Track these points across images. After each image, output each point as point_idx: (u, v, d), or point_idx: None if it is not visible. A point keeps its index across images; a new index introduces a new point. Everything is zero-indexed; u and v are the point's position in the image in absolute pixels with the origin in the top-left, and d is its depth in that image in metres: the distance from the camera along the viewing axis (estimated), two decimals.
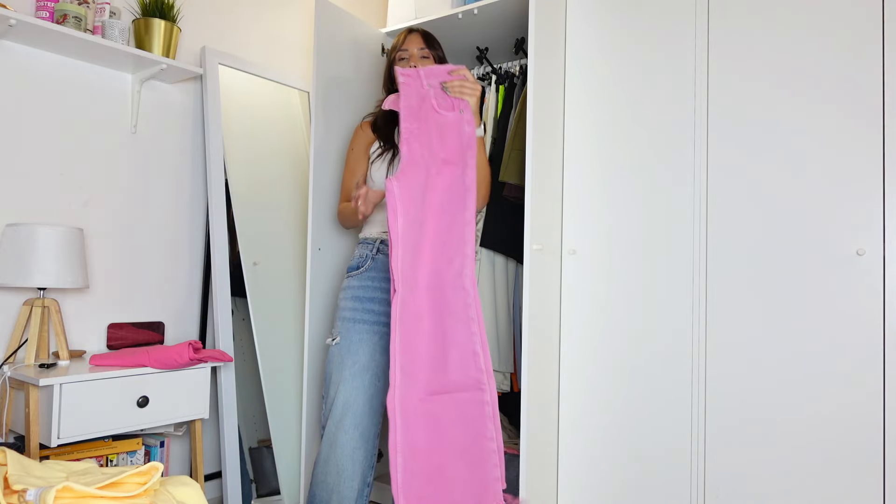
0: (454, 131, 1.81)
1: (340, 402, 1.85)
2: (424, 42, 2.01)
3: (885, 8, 1.60)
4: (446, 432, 1.66)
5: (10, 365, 1.86)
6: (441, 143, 1.81)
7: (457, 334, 1.66)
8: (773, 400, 1.69)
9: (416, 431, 1.65)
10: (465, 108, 1.81)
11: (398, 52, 2.01)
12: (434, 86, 1.83)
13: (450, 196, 1.76)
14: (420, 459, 1.64)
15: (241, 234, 2.48)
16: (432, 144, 1.80)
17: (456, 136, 1.80)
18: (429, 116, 1.80)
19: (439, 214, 1.74)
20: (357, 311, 1.92)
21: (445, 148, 1.80)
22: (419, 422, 1.66)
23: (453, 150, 1.80)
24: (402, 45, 2.01)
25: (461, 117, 1.81)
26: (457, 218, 1.72)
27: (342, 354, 1.89)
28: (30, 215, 2.02)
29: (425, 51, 2.00)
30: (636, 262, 1.92)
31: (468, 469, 1.64)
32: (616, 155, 1.98)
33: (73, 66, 2.12)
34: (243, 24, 2.62)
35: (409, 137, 1.76)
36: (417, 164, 1.75)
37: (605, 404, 1.96)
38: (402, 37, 2.04)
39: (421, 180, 1.73)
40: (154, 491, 1.28)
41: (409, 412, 1.65)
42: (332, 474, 1.83)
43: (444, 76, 1.83)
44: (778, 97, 1.73)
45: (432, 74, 1.84)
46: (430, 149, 1.78)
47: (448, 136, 1.80)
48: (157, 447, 2.05)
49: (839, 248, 1.63)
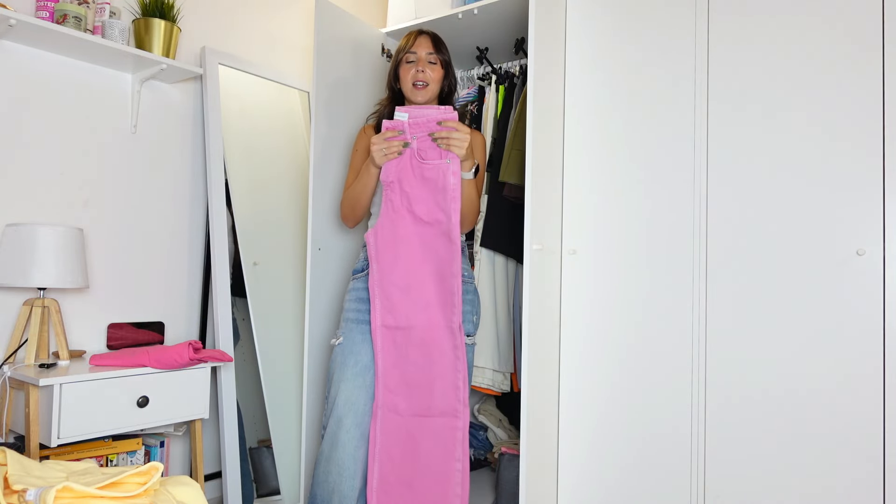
0: (438, 184, 1.82)
1: (342, 401, 1.86)
2: (433, 46, 1.98)
3: (885, 7, 1.60)
4: (421, 451, 1.85)
5: (10, 365, 1.86)
6: (423, 193, 1.84)
7: (444, 370, 1.84)
8: (773, 399, 1.69)
9: (394, 446, 1.87)
10: (452, 157, 1.80)
11: (406, 53, 1.98)
12: (420, 136, 1.83)
13: (436, 251, 1.85)
14: (395, 471, 1.86)
15: (241, 234, 2.48)
16: (410, 195, 1.85)
17: (440, 190, 1.82)
18: (406, 170, 1.84)
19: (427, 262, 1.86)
20: (360, 312, 1.93)
21: (428, 200, 1.84)
22: (399, 437, 1.87)
23: (436, 204, 1.83)
24: (411, 47, 1.98)
25: (447, 168, 1.81)
26: (445, 271, 1.84)
27: (345, 354, 1.90)
28: (30, 215, 2.02)
29: (433, 56, 1.97)
30: (636, 262, 1.92)
31: (436, 485, 1.83)
32: (616, 155, 1.98)
33: (73, 66, 2.12)
34: (243, 24, 2.62)
35: (385, 189, 1.87)
36: (391, 218, 1.86)
37: (605, 404, 1.96)
38: (412, 39, 1.99)
39: (399, 232, 1.86)
40: (154, 491, 1.28)
41: (390, 428, 1.87)
42: (334, 473, 1.83)
43: (432, 126, 1.81)
44: (778, 98, 1.73)
45: (418, 126, 1.82)
46: (406, 200, 1.86)
47: (431, 188, 1.84)
48: (157, 447, 2.05)
49: (839, 248, 1.63)
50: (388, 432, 1.87)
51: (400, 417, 1.87)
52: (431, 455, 1.84)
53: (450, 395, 1.83)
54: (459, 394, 1.83)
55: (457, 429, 1.82)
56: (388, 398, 1.87)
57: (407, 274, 1.87)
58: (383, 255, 1.87)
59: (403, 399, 1.87)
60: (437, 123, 1.81)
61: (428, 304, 1.85)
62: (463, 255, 1.89)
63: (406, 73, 1.97)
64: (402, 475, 1.85)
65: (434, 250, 1.85)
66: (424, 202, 1.84)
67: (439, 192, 1.82)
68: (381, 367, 1.88)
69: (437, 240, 1.85)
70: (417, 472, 1.84)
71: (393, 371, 1.87)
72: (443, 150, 1.81)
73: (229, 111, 2.52)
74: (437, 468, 1.82)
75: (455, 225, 1.81)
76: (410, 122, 1.82)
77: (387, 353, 1.88)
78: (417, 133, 1.83)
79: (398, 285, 1.87)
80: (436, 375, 1.84)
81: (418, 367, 1.86)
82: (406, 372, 1.87)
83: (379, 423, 1.86)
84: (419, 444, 1.85)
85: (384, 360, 1.88)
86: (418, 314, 1.85)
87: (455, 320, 1.84)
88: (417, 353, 1.86)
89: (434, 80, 1.96)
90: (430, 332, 1.85)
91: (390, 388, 1.87)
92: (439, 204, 1.82)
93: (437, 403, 1.84)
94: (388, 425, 1.87)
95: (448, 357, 1.84)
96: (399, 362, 1.87)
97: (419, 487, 1.83)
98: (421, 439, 1.85)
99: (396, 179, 1.85)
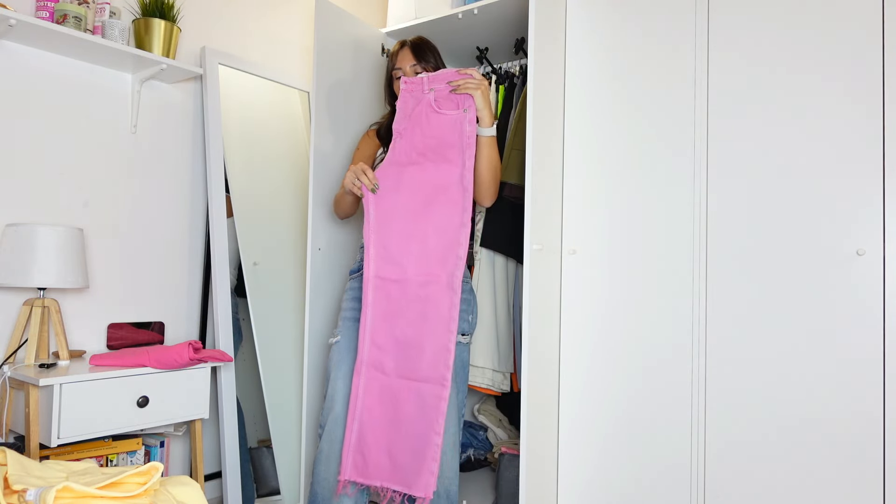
0: (454, 130, 1.80)
1: (340, 398, 1.86)
2: (414, 56, 2.01)
3: (884, 6, 1.60)
4: (403, 415, 1.76)
5: (10, 365, 1.86)
6: (435, 141, 1.81)
7: (437, 329, 1.74)
8: (773, 399, 1.69)
9: (376, 406, 1.78)
10: (469, 107, 1.80)
11: (393, 70, 2.04)
12: (437, 88, 1.84)
13: (446, 196, 1.78)
14: (374, 432, 1.77)
15: (241, 234, 2.48)
16: (421, 142, 1.81)
17: (456, 135, 1.80)
18: (422, 117, 1.82)
19: (432, 211, 1.78)
20: (358, 310, 1.94)
21: (441, 146, 1.81)
22: (382, 397, 1.78)
23: (450, 149, 1.80)
24: (396, 63, 2.03)
25: (463, 116, 1.80)
26: (452, 220, 1.76)
27: (342, 353, 1.91)
28: (30, 215, 2.02)
29: (417, 66, 1.99)
30: (636, 262, 1.92)
31: (413, 456, 1.73)
32: (616, 154, 1.98)
33: (73, 66, 2.12)
34: (243, 24, 2.62)
35: (395, 137, 1.83)
36: (400, 162, 1.81)
37: (605, 404, 1.96)
38: (395, 53, 2.05)
39: (402, 177, 1.80)
40: (154, 491, 1.28)
41: (374, 386, 1.78)
42: (334, 471, 1.84)
43: (452, 76, 1.84)
44: (779, 97, 1.73)
45: (437, 78, 1.85)
46: (416, 146, 1.81)
47: (446, 134, 1.81)
48: (157, 447, 2.05)
49: (839, 248, 1.63)
50: (372, 392, 1.78)
51: (385, 377, 1.78)
52: (414, 423, 1.74)
53: (440, 357, 1.73)
54: (449, 358, 1.73)
55: (442, 399, 1.72)
56: (374, 355, 1.78)
57: (407, 221, 1.79)
58: (382, 200, 1.80)
59: (391, 358, 1.77)
60: (456, 73, 1.84)
61: (428, 258, 1.76)
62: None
63: (398, 87, 2.01)
64: (379, 439, 1.77)
65: (441, 200, 1.78)
66: (437, 149, 1.81)
67: (455, 138, 1.79)
68: (369, 321, 1.78)
69: (447, 188, 1.78)
70: (398, 438, 1.76)
71: (382, 325, 1.78)
72: (459, 101, 1.81)
73: (229, 111, 2.52)
74: (418, 437, 1.73)
75: (469, 170, 1.77)
76: (429, 76, 1.86)
77: (378, 306, 1.79)
78: (435, 85, 1.85)
79: (397, 233, 1.78)
80: (428, 334, 1.75)
81: (411, 323, 1.76)
82: (397, 328, 1.77)
83: (363, 380, 1.78)
84: (402, 409, 1.76)
85: (374, 313, 1.79)
86: (417, 267, 1.77)
87: (457, 275, 1.74)
88: (412, 308, 1.76)
89: None
90: (427, 287, 1.75)
91: (378, 344, 1.78)
92: (454, 149, 1.79)
93: (425, 366, 1.74)
94: (371, 384, 1.78)
95: (444, 316, 1.74)
96: (391, 317, 1.78)
97: (397, 455, 1.75)
98: (404, 403, 1.76)
99: (409, 126, 1.83)
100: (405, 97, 1.87)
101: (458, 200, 1.77)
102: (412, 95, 1.86)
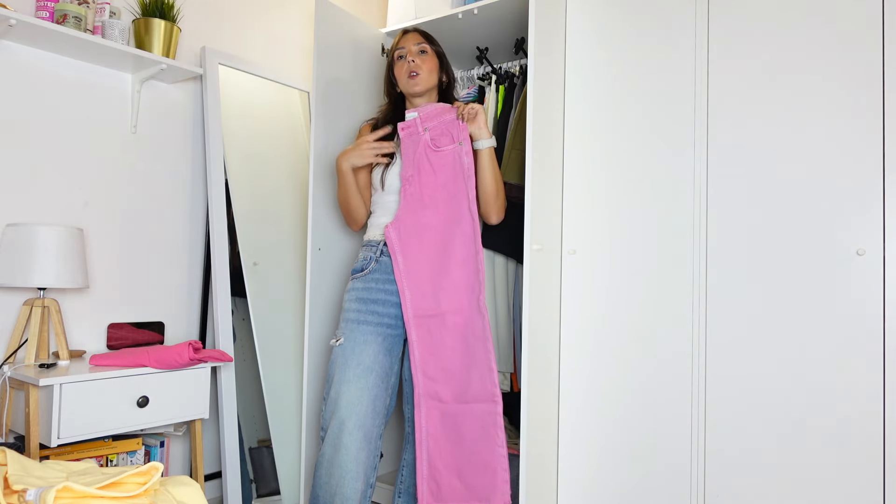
0: (455, 165, 1.89)
1: (344, 403, 1.84)
2: (422, 37, 2.03)
3: (885, 6, 1.60)
4: (465, 437, 1.85)
5: (10, 365, 1.86)
6: (441, 181, 1.90)
7: (478, 352, 1.85)
8: (773, 399, 1.69)
9: (439, 433, 1.88)
10: (464, 139, 1.88)
11: (396, 50, 2.04)
12: (431, 126, 1.91)
13: (459, 228, 1.88)
14: (442, 456, 1.88)
15: (241, 234, 2.48)
16: (429, 185, 1.91)
17: (458, 170, 1.89)
18: (423, 160, 1.91)
19: (452, 246, 1.89)
20: (361, 312, 1.92)
21: (447, 183, 1.90)
22: (444, 424, 1.88)
23: (454, 183, 1.89)
24: (399, 43, 2.04)
25: (460, 149, 1.89)
26: (469, 249, 1.87)
27: (346, 355, 1.89)
28: (30, 215, 2.02)
29: (423, 45, 2.01)
30: (636, 262, 1.92)
31: (482, 471, 1.83)
32: (616, 154, 1.98)
33: (73, 66, 2.12)
34: (243, 24, 2.62)
35: (404, 184, 1.92)
36: (414, 210, 1.91)
37: (605, 404, 1.96)
38: (399, 37, 2.06)
39: (420, 223, 1.90)
40: (154, 491, 1.27)
41: (434, 415, 1.88)
42: (336, 476, 1.83)
43: (442, 114, 1.92)
44: (779, 97, 1.73)
45: (429, 117, 1.92)
46: (425, 191, 1.91)
47: (448, 171, 1.90)
48: (157, 447, 2.05)
49: (839, 248, 1.63)
50: (433, 420, 1.88)
51: (443, 405, 1.88)
52: (476, 442, 1.84)
53: (486, 378, 1.83)
54: (494, 375, 1.83)
55: (496, 414, 1.81)
56: (428, 386, 1.88)
57: (433, 261, 1.89)
58: (408, 246, 1.90)
59: (444, 386, 1.88)
60: (449, 109, 1.91)
61: (456, 289, 1.87)
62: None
63: (400, 69, 2.02)
64: (448, 463, 1.87)
65: (456, 233, 1.87)
66: (443, 187, 1.89)
67: (457, 174, 1.88)
68: (418, 357, 1.89)
69: (458, 222, 1.87)
70: (464, 459, 1.85)
71: (430, 359, 1.88)
72: (454, 135, 1.89)
73: (229, 111, 2.52)
74: (483, 456, 1.83)
75: (472, 200, 1.87)
76: (422, 115, 1.92)
77: (422, 343, 1.89)
78: (429, 124, 1.92)
79: (426, 273, 1.89)
80: (471, 359, 1.85)
81: (455, 352, 1.87)
82: (443, 358, 1.88)
83: (423, 412, 1.88)
84: (463, 431, 1.85)
85: (420, 349, 1.89)
86: (449, 300, 1.87)
87: (481, 300, 1.85)
88: (452, 337, 1.87)
89: (427, 70, 2.00)
90: (461, 315, 1.86)
91: (430, 375, 1.88)
92: (457, 184, 1.88)
93: (474, 388, 1.84)
94: (432, 413, 1.88)
95: (480, 338, 1.85)
96: (435, 350, 1.88)
97: (467, 476, 1.84)
98: (464, 426, 1.85)
99: (415, 172, 1.91)
100: (405, 142, 1.93)
101: (469, 232, 1.87)
102: (411, 139, 1.93)
